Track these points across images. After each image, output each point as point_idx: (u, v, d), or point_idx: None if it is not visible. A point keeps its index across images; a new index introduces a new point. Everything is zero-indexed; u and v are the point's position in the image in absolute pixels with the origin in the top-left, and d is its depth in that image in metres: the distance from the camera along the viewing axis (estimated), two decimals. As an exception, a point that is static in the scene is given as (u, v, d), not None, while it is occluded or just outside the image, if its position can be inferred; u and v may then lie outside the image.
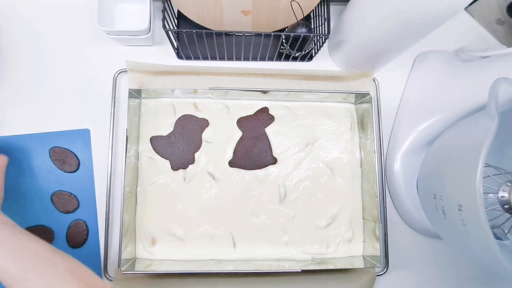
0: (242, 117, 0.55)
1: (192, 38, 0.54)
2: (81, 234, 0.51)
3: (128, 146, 0.49)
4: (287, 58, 0.57)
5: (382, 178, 0.54)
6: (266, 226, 0.53)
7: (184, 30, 0.48)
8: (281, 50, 0.56)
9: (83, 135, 0.53)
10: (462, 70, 0.54)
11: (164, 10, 0.47)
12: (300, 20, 0.50)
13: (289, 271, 0.49)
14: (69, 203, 0.51)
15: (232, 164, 0.53)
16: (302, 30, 0.51)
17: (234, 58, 0.57)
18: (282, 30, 0.54)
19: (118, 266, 0.48)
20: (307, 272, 0.49)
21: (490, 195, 0.44)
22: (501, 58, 0.49)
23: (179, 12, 0.53)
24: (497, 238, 0.46)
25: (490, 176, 0.44)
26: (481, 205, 0.33)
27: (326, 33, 0.49)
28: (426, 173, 0.49)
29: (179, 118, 0.54)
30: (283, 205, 0.53)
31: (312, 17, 0.57)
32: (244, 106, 0.55)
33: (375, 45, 0.49)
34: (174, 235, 0.51)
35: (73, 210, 0.51)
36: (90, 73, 0.55)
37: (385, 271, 0.53)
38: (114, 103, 0.53)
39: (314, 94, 0.54)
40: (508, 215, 0.44)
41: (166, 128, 0.53)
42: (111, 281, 0.49)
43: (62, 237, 0.51)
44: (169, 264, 0.50)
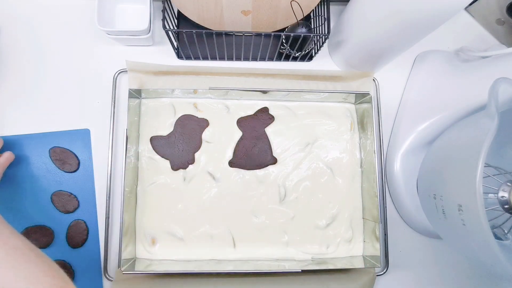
0: (242, 117, 0.55)
1: (192, 38, 0.54)
2: (81, 234, 0.51)
3: (128, 146, 0.49)
4: (287, 58, 0.57)
5: (382, 178, 0.54)
6: (266, 226, 0.53)
7: (184, 30, 0.48)
8: (281, 50, 0.56)
9: (83, 135, 0.53)
10: (462, 70, 0.54)
11: (164, 10, 0.47)
12: (300, 20, 0.50)
13: (289, 271, 0.49)
14: (69, 203, 0.51)
15: (232, 164, 0.53)
16: (302, 30, 0.51)
17: (234, 58, 0.57)
18: (282, 30, 0.54)
19: (118, 266, 0.48)
20: (307, 272, 0.49)
21: (490, 195, 0.44)
22: (501, 58, 0.49)
23: (179, 12, 0.54)
24: (497, 238, 0.46)
25: (490, 176, 0.44)
26: (481, 205, 0.33)
27: (326, 33, 0.50)
28: (426, 173, 0.49)
29: (179, 118, 0.54)
30: (283, 205, 0.53)
31: (312, 17, 0.57)
32: (244, 106, 0.55)
33: (375, 45, 0.49)
34: (174, 235, 0.51)
35: (73, 210, 0.51)
36: (90, 73, 0.55)
37: (385, 271, 0.53)
38: (114, 103, 0.53)
39: (314, 94, 0.54)
40: (508, 215, 0.44)
41: (166, 128, 0.53)
42: (111, 281, 0.49)
43: (62, 237, 0.51)
44: (169, 264, 0.50)
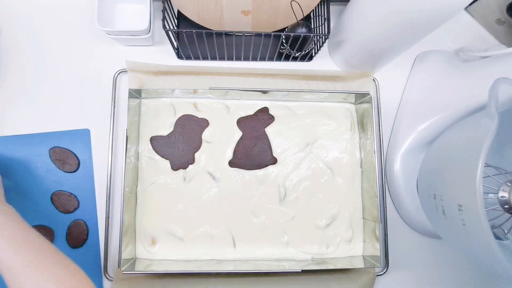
0: (242, 117, 0.55)
1: (192, 38, 0.54)
2: (81, 234, 0.51)
3: (128, 146, 0.49)
4: (287, 58, 0.57)
5: (382, 178, 0.54)
6: (266, 226, 0.53)
7: (184, 30, 0.48)
8: (281, 50, 0.56)
9: (83, 135, 0.53)
10: (462, 70, 0.54)
11: (164, 10, 0.47)
12: (300, 20, 0.50)
13: (289, 271, 0.49)
14: (69, 203, 0.51)
15: (232, 164, 0.53)
16: (302, 30, 0.51)
17: (234, 58, 0.57)
18: (282, 30, 0.54)
19: (118, 266, 0.48)
20: (307, 272, 0.49)
21: (490, 195, 0.44)
22: (501, 58, 0.49)
23: (179, 12, 0.53)
24: (497, 238, 0.46)
25: (490, 176, 0.44)
26: (481, 205, 0.33)
27: (326, 33, 0.49)
28: (426, 173, 0.49)
29: (179, 118, 0.54)
30: (283, 205, 0.53)
31: (312, 17, 0.57)
32: (244, 106, 0.55)
33: (375, 45, 0.49)
34: (174, 235, 0.51)
35: (73, 210, 0.51)
36: (90, 73, 0.55)
37: (385, 271, 0.53)
38: (114, 103, 0.53)
39: (314, 94, 0.54)
40: (508, 215, 0.44)
41: (166, 128, 0.53)
42: (111, 281, 0.49)
43: (62, 237, 0.51)
44: (169, 264, 0.50)
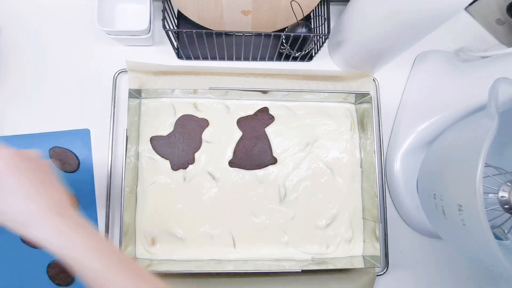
0: (242, 117, 0.55)
1: (192, 38, 0.54)
2: (81, 234, 0.51)
3: (128, 146, 0.49)
4: (287, 58, 0.57)
5: (382, 178, 0.54)
6: (266, 226, 0.53)
7: (184, 30, 0.48)
8: (281, 50, 0.56)
9: (83, 135, 0.53)
10: (462, 70, 0.54)
11: (164, 10, 0.47)
12: (300, 20, 0.50)
13: (289, 271, 0.49)
14: (69, 203, 0.51)
15: (232, 164, 0.53)
16: (302, 30, 0.51)
17: (234, 58, 0.57)
18: (282, 30, 0.54)
19: (118, 266, 0.48)
20: (307, 272, 0.49)
21: (490, 195, 0.44)
22: (501, 58, 0.49)
23: (179, 12, 0.53)
24: (497, 238, 0.46)
25: (490, 176, 0.44)
26: (481, 205, 0.33)
27: (326, 33, 0.50)
28: (426, 173, 0.49)
29: (179, 118, 0.54)
30: (283, 205, 0.53)
31: (312, 17, 0.57)
32: (244, 106, 0.55)
33: (375, 45, 0.49)
34: (174, 235, 0.51)
35: (73, 210, 0.51)
36: (90, 73, 0.55)
37: (385, 271, 0.53)
38: (114, 103, 0.53)
39: (314, 94, 0.54)
40: (508, 215, 0.44)
41: (166, 128, 0.53)
42: (111, 281, 0.49)
43: (62, 237, 0.51)
44: (169, 264, 0.50)
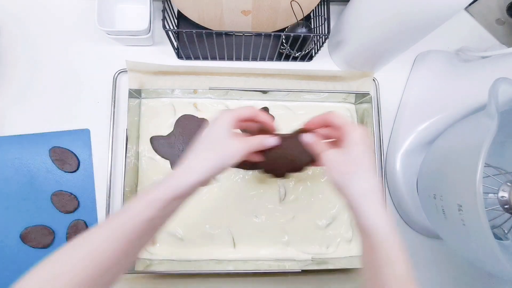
0: (242, 117, 0.54)
1: (192, 38, 0.54)
2: (81, 234, 0.51)
3: (128, 146, 0.49)
4: (287, 58, 0.57)
5: (382, 178, 0.54)
6: (266, 226, 0.53)
7: (184, 30, 0.48)
8: (281, 50, 0.56)
9: (83, 135, 0.53)
10: (462, 70, 0.54)
11: (164, 10, 0.47)
12: (300, 20, 0.50)
13: (289, 271, 0.49)
14: (69, 203, 0.51)
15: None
16: (302, 30, 0.51)
17: (234, 58, 0.57)
18: (282, 30, 0.54)
19: (118, 266, 0.48)
20: (307, 272, 0.49)
21: (490, 195, 0.44)
22: (501, 58, 0.49)
23: (179, 12, 0.53)
24: (497, 238, 0.46)
25: (490, 176, 0.44)
26: (481, 205, 0.33)
27: (326, 33, 0.49)
28: (426, 173, 0.49)
29: (179, 118, 0.54)
30: (283, 205, 0.53)
31: (312, 17, 0.56)
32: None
33: (375, 45, 0.49)
34: (174, 235, 0.51)
35: (73, 210, 0.51)
36: (90, 73, 0.55)
37: (385, 271, 0.53)
38: (114, 103, 0.53)
39: (314, 94, 0.54)
40: (508, 215, 0.44)
41: (166, 128, 0.53)
42: (111, 281, 0.49)
43: (62, 237, 0.51)
44: (169, 264, 0.50)
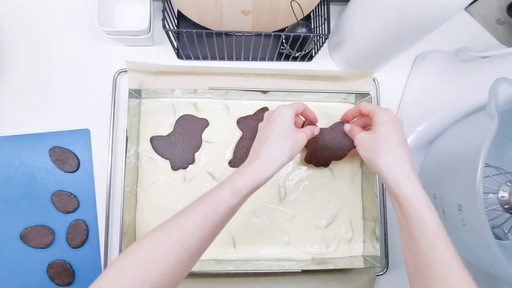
0: (242, 117, 0.54)
1: (192, 38, 0.54)
2: (81, 234, 0.51)
3: (128, 146, 0.49)
4: (287, 58, 0.57)
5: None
6: (266, 226, 0.53)
7: (184, 30, 0.48)
8: (281, 50, 0.56)
9: (83, 135, 0.53)
10: (462, 70, 0.54)
11: (164, 10, 0.47)
12: (300, 20, 0.50)
13: (289, 271, 0.49)
14: (69, 203, 0.51)
15: (232, 164, 0.53)
16: (302, 30, 0.51)
17: (234, 58, 0.57)
18: (282, 30, 0.54)
19: (118, 266, 0.48)
20: (307, 272, 0.49)
21: (490, 195, 0.44)
22: (501, 58, 0.49)
23: (179, 12, 0.53)
24: (497, 238, 0.46)
25: (490, 176, 0.44)
26: (481, 205, 0.33)
27: (326, 33, 0.49)
28: (426, 173, 0.49)
29: (179, 118, 0.54)
30: (283, 205, 0.53)
31: (312, 17, 0.56)
32: (244, 106, 0.55)
33: (375, 45, 0.49)
34: (174, 235, 0.51)
35: (73, 210, 0.51)
36: (90, 73, 0.55)
37: (385, 271, 0.53)
38: (114, 103, 0.53)
39: (314, 94, 0.54)
40: (508, 215, 0.44)
41: (166, 128, 0.53)
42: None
43: (62, 237, 0.51)
44: (169, 264, 0.50)
